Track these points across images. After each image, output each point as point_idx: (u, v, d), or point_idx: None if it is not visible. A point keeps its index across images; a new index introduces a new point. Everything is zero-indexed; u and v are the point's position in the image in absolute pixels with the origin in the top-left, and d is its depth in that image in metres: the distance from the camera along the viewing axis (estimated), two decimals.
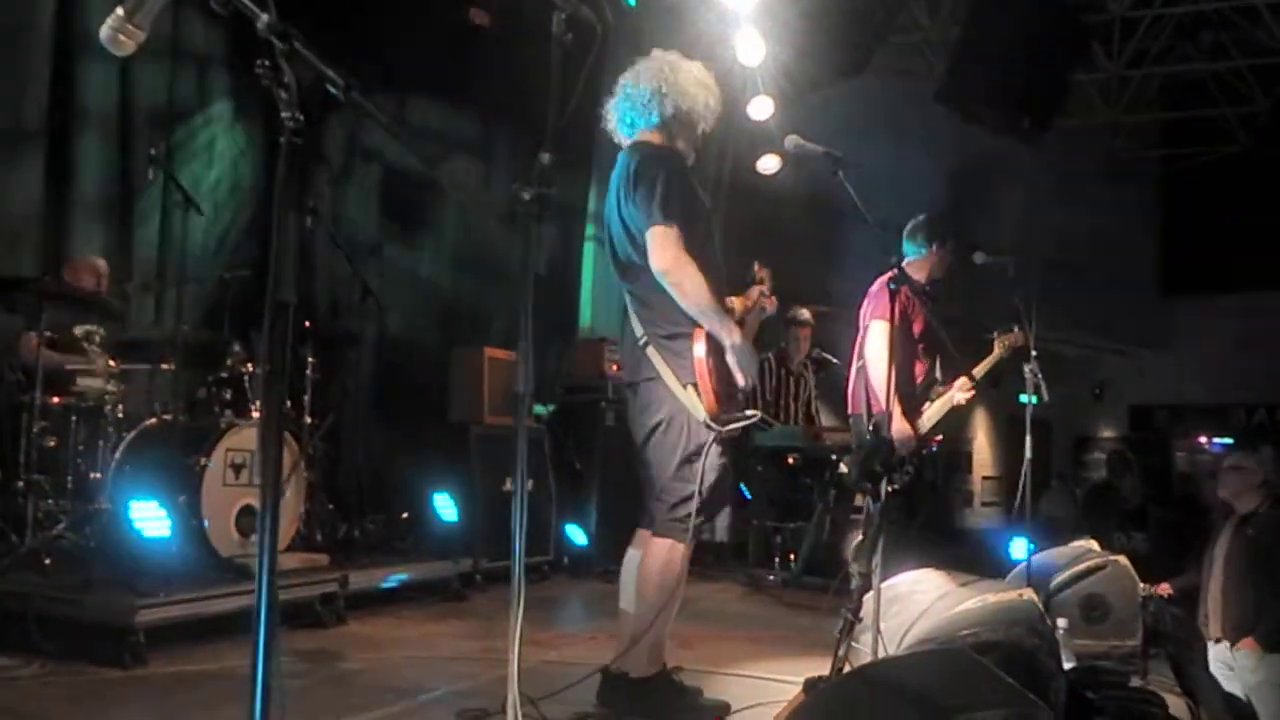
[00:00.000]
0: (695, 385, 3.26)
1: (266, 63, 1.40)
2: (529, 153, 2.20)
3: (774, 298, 3.68)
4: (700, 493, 3.26)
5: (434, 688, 3.76)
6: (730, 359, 3.29)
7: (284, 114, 1.38)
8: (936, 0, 8.82)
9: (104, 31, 1.49)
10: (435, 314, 7.70)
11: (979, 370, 4.94)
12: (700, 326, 3.27)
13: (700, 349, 3.25)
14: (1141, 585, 4.52)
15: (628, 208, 3.33)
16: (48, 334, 4.63)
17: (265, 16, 1.39)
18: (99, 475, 4.79)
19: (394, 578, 5.39)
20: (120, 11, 1.48)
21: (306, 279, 6.35)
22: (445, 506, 6.10)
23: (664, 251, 3.21)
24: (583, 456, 6.89)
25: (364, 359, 6.80)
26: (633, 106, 3.46)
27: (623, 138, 3.53)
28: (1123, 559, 4.55)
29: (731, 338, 3.28)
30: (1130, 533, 8.16)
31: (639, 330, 3.35)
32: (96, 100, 5.93)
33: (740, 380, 3.32)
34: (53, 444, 4.76)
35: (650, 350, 3.31)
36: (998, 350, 4.95)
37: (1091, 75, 9.16)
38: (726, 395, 3.28)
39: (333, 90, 1.43)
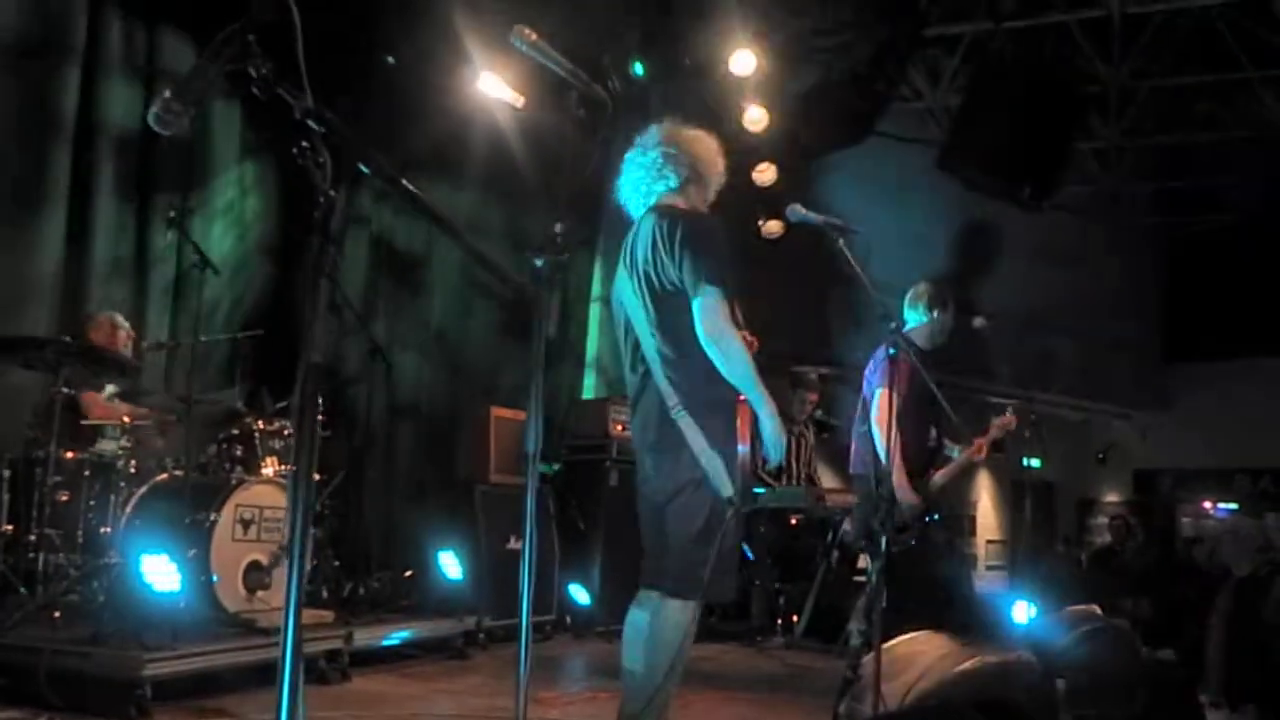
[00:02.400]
0: (725, 454, 3.30)
1: (304, 144, 1.50)
2: (527, 223, 2.30)
3: (753, 338, 3.64)
4: (719, 557, 3.27)
5: None
6: (767, 430, 3.31)
7: (318, 192, 1.48)
8: (938, 69, 9.02)
9: (152, 112, 1.59)
10: (441, 373, 7.78)
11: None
12: (741, 397, 3.30)
13: (744, 423, 3.27)
14: (1144, 649, 4.54)
15: (666, 268, 3.30)
16: (66, 390, 4.71)
17: (304, 102, 1.50)
18: (109, 529, 4.85)
19: (398, 635, 5.40)
20: (168, 93, 1.58)
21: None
22: (450, 564, 6.13)
23: (713, 319, 3.22)
24: (586, 516, 6.92)
25: (371, 417, 6.88)
26: (647, 173, 3.49)
27: (634, 208, 3.56)
28: (1124, 623, 4.58)
29: (770, 408, 3.30)
30: (1134, 597, 8.14)
31: (671, 397, 3.32)
32: (115, 160, 6.09)
33: (773, 453, 3.33)
34: (65, 498, 4.83)
35: (679, 415, 3.30)
36: (993, 433, 5.01)
37: (1091, 143, 9.33)
38: (755, 468, 3.30)
39: (365, 170, 1.53)
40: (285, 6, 1.52)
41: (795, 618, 6.85)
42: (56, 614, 4.35)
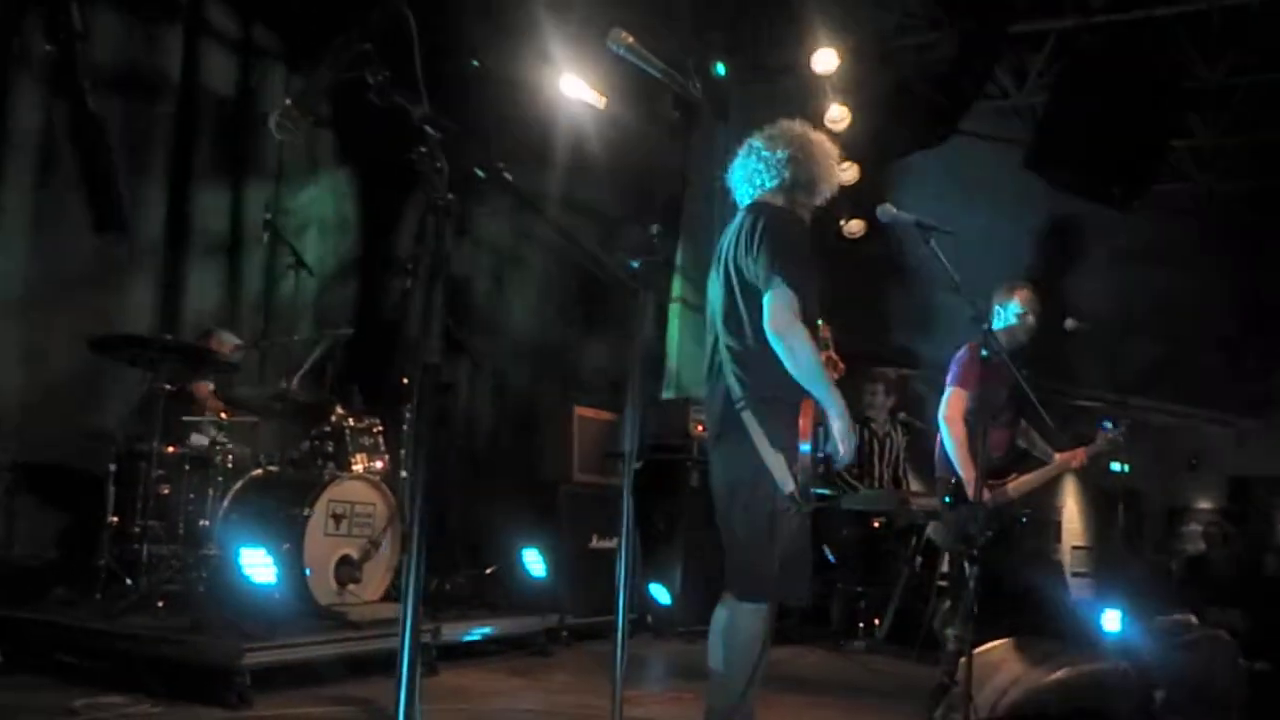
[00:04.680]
0: (787, 452, 3.29)
1: (422, 149, 1.55)
2: (610, 225, 2.32)
3: (840, 362, 3.63)
4: (782, 556, 3.27)
5: None
6: (835, 428, 3.30)
7: (435, 195, 1.52)
8: (1024, 67, 8.85)
9: (272, 119, 1.65)
10: (526, 372, 7.87)
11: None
12: (807, 396, 3.31)
13: (806, 420, 3.27)
14: (1241, 660, 4.42)
15: (746, 262, 3.34)
16: (167, 386, 4.88)
17: (420, 108, 1.54)
18: (207, 522, 5.00)
19: (481, 630, 5.48)
20: (288, 101, 1.64)
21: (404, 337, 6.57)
22: (534, 562, 6.20)
23: (781, 314, 3.24)
24: (667, 516, 6.94)
25: (455, 416, 6.99)
26: (765, 167, 3.50)
27: (741, 196, 3.59)
28: (1223, 633, 4.45)
29: (839, 405, 3.28)
30: (1225, 607, 7.90)
31: (736, 391, 3.34)
32: (214, 161, 6.29)
33: (842, 451, 3.33)
34: (166, 491, 4.99)
35: (745, 412, 3.32)
36: (1100, 444, 4.92)
37: (1186, 141, 9.08)
38: (817, 467, 3.29)
39: (483, 173, 1.57)
40: (403, 15, 1.57)
41: (877, 621, 6.79)
42: (160, 603, 4.50)
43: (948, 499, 4.87)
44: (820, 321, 3.49)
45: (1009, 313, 4.96)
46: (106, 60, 5.68)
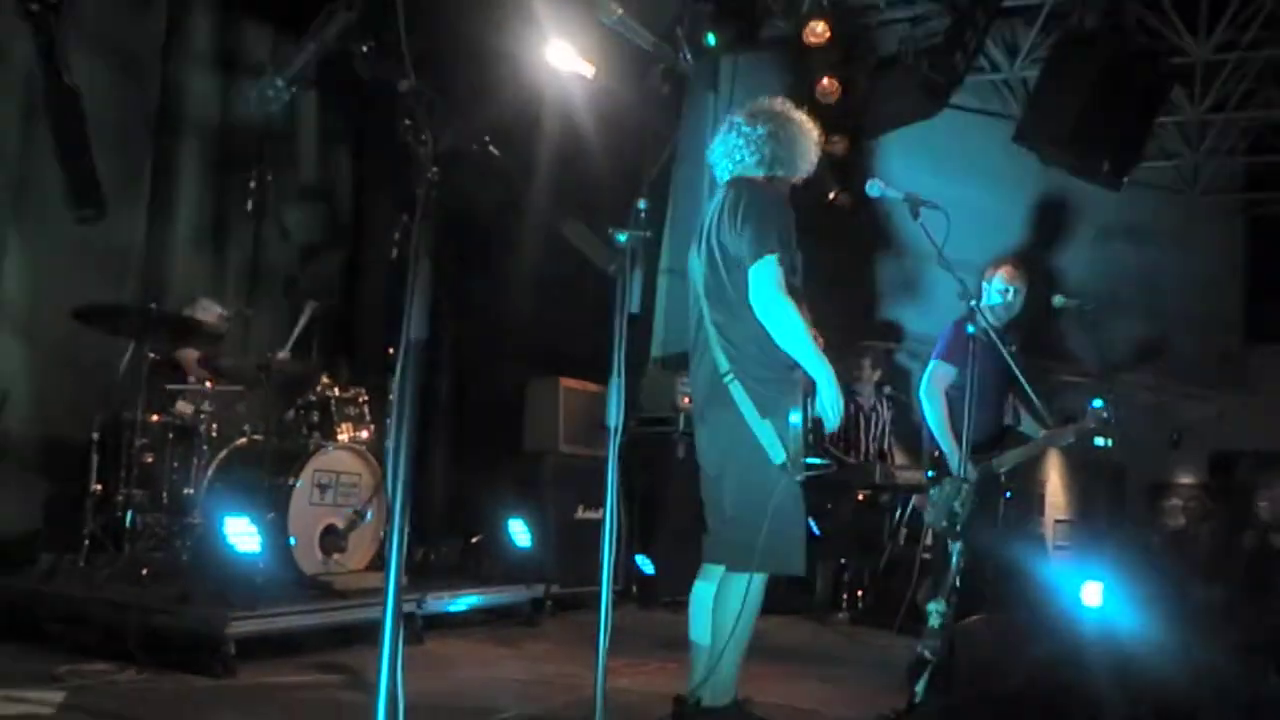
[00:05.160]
0: (776, 422, 3.31)
1: (408, 122, 1.53)
2: (599, 198, 2.31)
3: (820, 336, 3.64)
4: (772, 527, 3.30)
5: (508, 710, 3.85)
6: (823, 395, 3.32)
7: (421, 168, 1.51)
8: (1016, 41, 8.82)
9: (257, 92, 1.63)
10: (512, 343, 7.84)
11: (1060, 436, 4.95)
12: (795, 367, 3.32)
13: (794, 390, 3.30)
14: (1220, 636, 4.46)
15: (730, 238, 3.38)
16: (151, 355, 4.86)
17: (406, 80, 1.53)
18: (192, 491, 5.00)
19: (467, 600, 5.50)
20: (272, 72, 1.62)
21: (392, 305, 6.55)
22: (519, 532, 6.21)
23: (769, 287, 3.27)
24: (653, 487, 6.96)
25: (441, 386, 6.97)
26: (745, 143, 3.52)
27: (721, 172, 3.61)
28: (1199, 609, 4.49)
29: (827, 374, 3.31)
30: (1207, 582, 7.99)
31: (724, 364, 3.38)
32: (197, 132, 6.23)
33: (829, 419, 3.35)
34: (150, 460, 4.98)
35: (733, 384, 3.35)
36: (1088, 422, 4.94)
37: (1174, 118, 9.07)
38: (807, 437, 3.32)
39: (475, 146, 1.56)
40: None
41: (860, 594, 6.84)
42: (144, 571, 4.50)
43: (930, 473, 4.91)
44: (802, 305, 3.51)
45: (993, 289, 4.99)
46: (88, 30, 5.61)
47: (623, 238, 2.20)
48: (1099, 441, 5.09)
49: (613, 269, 1.97)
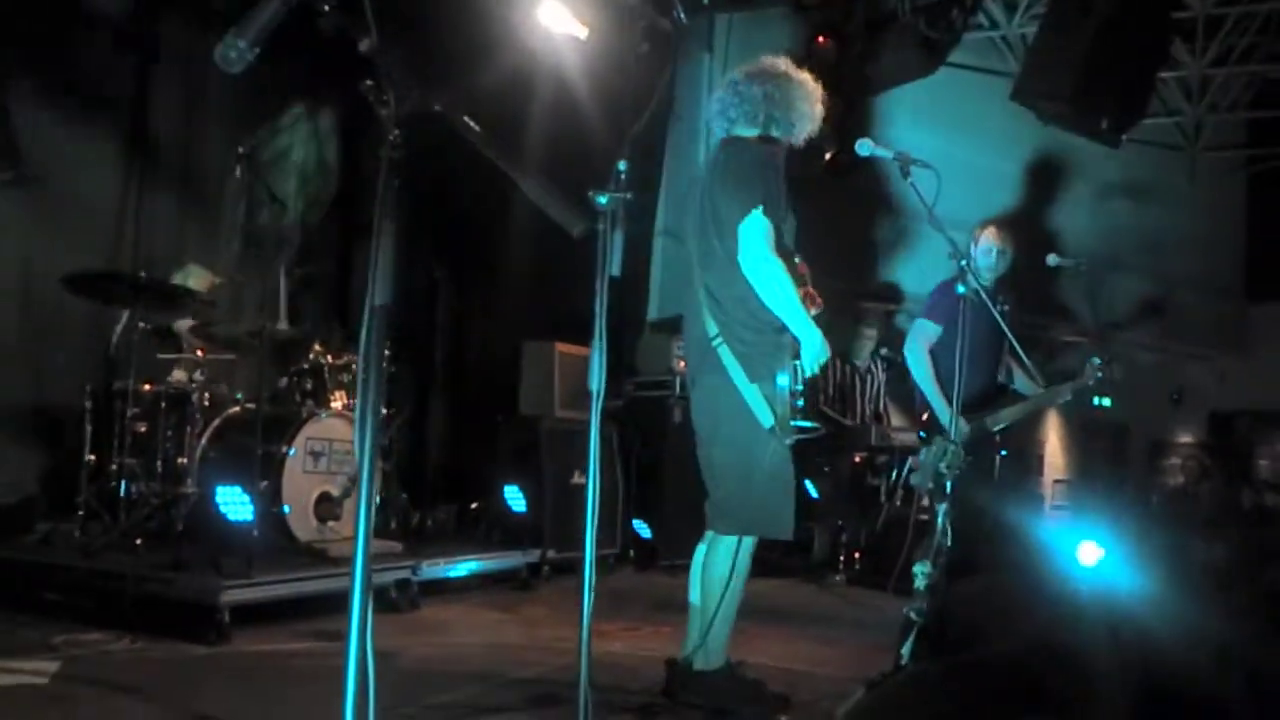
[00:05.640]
0: (764, 385, 3.30)
1: (369, 83, 1.50)
2: (594, 160, 2.28)
3: (818, 297, 3.63)
4: (762, 490, 3.30)
5: (504, 674, 3.87)
6: (805, 347, 3.31)
7: (385, 130, 1.48)
8: None
9: (219, 51, 1.59)
10: (508, 308, 7.82)
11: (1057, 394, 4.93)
12: (783, 329, 3.30)
13: (782, 352, 3.29)
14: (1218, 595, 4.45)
15: (721, 198, 3.36)
16: (142, 324, 4.83)
17: (369, 39, 1.49)
18: (185, 460, 4.99)
19: (464, 566, 5.51)
20: (232, 31, 1.58)
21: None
22: (515, 498, 6.22)
23: (757, 247, 3.25)
24: (650, 450, 6.96)
25: (437, 351, 6.96)
26: (741, 102, 3.48)
27: (718, 132, 3.57)
28: (1195, 567, 4.49)
29: (811, 331, 3.31)
30: (1207, 541, 7.98)
31: (713, 327, 3.37)
32: (183, 99, 6.16)
33: (806, 368, 3.33)
34: (143, 429, 4.97)
35: (722, 347, 3.34)
36: (1086, 379, 4.91)
37: (1174, 73, 8.97)
38: (795, 399, 3.31)
39: (436, 108, 1.52)
40: None
41: (857, 555, 6.86)
42: (138, 540, 4.51)
43: (923, 434, 4.90)
44: (798, 259, 3.48)
45: (979, 251, 4.98)
46: None
47: (603, 200, 2.16)
48: (1099, 401, 5.07)
49: (578, 230, 1.93)
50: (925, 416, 4.91)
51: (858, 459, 7.18)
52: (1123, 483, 13.25)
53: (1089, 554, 4.85)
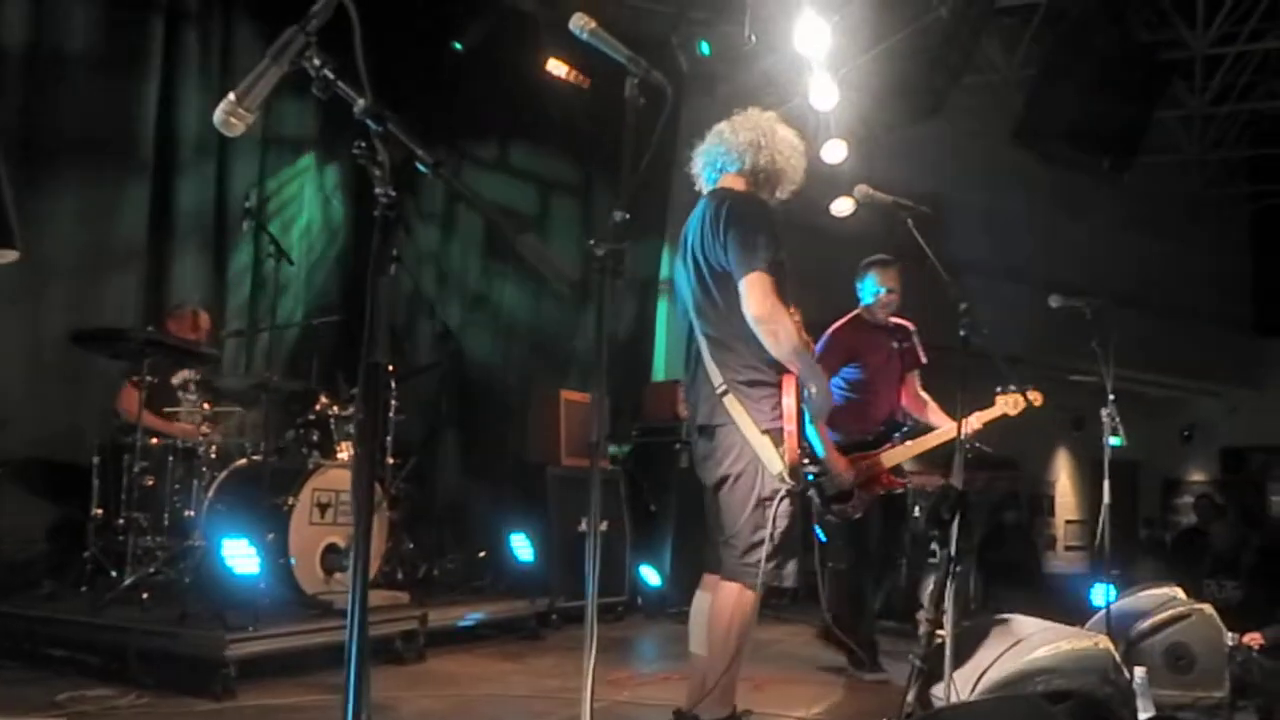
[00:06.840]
0: (772, 433, 3.29)
1: (363, 144, 1.52)
2: (596, 210, 2.30)
3: (811, 341, 3.63)
4: (772, 539, 3.28)
5: None
6: (810, 396, 3.33)
7: (377, 190, 1.50)
8: (1012, 40, 8.80)
9: (217, 115, 1.62)
10: (514, 357, 7.85)
11: (978, 419, 4.84)
12: (788, 374, 3.31)
13: (790, 400, 3.29)
14: (1230, 635, 4.41)
15: (714, 250, 3.36)
16: (148, 378, 4.85)
17: (362, 101, 1.52)
18: (192, 513, 5.00)
19: (472, 616, 5.49)
20: (232, 97, 1.61)
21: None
22: (522, 546, 6.20)
23: (761, 299, 3.26)
24: (657, 498, 6.95)
25: (444, 400, 6.98)
26: (726, 151, 3.51)
27: (705, 182, 3.59)
28: (1208, 607, 4.45)
29: (818, 384, 3.33)
30: (1221, 580, 7.91)
31: (717, 377, 3.37)
32: (194, 153, 6.24)
33: (812, 418, 3.33)
34: (150, 483, 4.98)
35: (728, 397, 3.34)
36: (999, 407, 4.83)
37: (1176, 112, 9.04)
38: (804, 445, 3.31)
39: (423, 168, 1.55)
40: (343, 6, 1.54)
41: None
42: (145, 595, 4.50)
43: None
44: (791, 308, 3.50)
45: (866, 291, 5.06)
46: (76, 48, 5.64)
47: (601, 251, 2.19)
48: (1112, 441, 5.03)
49: (566, 287, 1.95)
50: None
51: None
52: (1134, 523, 13.14)
53: (1099, 595, 4.81)
